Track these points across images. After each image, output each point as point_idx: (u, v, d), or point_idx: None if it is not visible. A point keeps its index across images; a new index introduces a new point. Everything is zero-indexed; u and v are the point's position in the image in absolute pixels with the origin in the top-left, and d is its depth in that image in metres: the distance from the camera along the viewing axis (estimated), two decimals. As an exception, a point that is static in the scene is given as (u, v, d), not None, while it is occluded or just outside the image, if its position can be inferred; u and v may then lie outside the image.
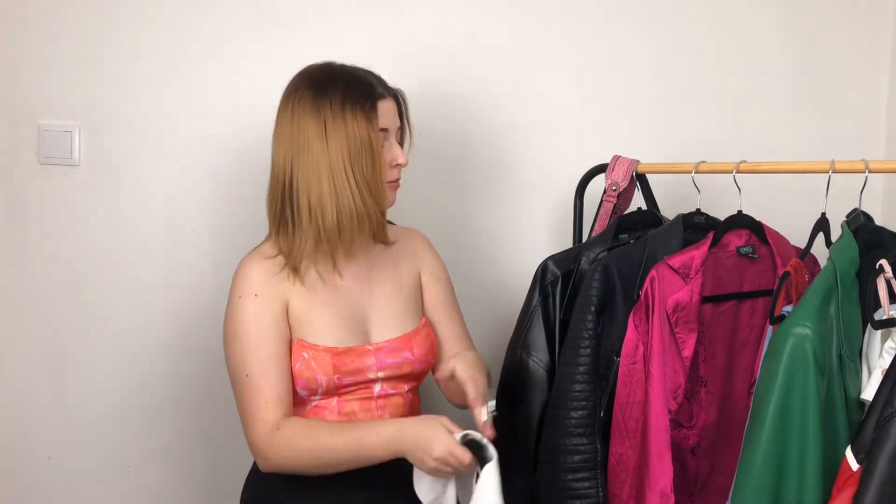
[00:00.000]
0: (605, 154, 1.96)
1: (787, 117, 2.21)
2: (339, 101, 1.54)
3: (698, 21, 2.20)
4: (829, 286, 1.32)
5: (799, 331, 1.26)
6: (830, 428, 1.27)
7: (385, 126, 1.59)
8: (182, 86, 2.12)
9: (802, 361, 1.25)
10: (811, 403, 1.24)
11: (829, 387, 1.28)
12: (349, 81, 1.58)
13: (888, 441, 1.04)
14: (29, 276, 2.16)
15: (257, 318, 1.57)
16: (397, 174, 1.62)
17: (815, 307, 1.29)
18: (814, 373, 1.24)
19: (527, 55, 2.18)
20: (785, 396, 1.25)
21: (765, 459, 1.26)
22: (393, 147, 1.61)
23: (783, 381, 1.25)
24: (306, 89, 1.57)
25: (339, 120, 1.53)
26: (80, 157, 2.12)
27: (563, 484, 1.59)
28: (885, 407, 1.06)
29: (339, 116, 1.54)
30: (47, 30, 2.10)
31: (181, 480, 2.19)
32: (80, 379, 2.17)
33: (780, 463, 1.25)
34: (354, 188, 1.54)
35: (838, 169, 1.51)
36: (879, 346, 1.32)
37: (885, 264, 1.31)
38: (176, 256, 2.15)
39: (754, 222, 1.70)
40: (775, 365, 1.27)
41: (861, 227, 1.46)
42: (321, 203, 1.54)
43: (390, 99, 1.61)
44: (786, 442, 1.25)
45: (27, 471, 2.19)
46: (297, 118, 1.56)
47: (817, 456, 1.23)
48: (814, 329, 1.25)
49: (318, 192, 1.54)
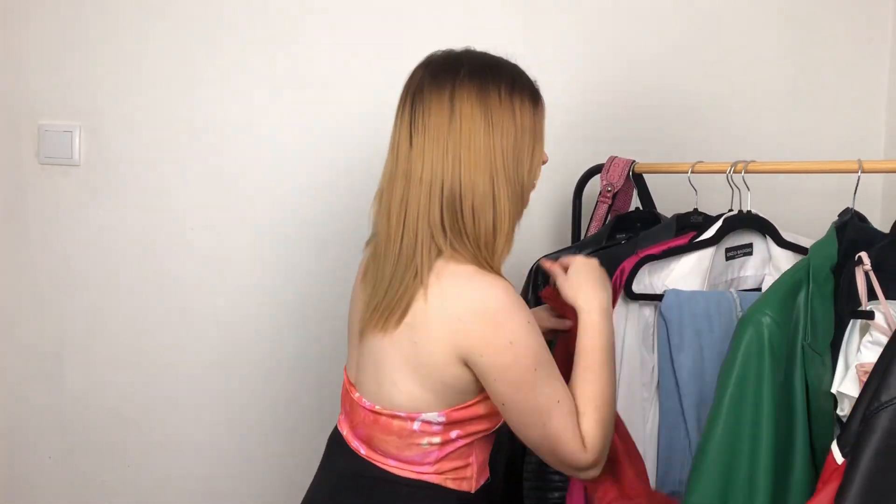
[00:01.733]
0: (603, 154, 1.96)
1: (787, 117, 2.21)
2: (507, 89, 1.35)
3: (697, 20, 2.20)
4: (797, 278, 1.35)
5: (759, 318, 1.30)
6: (786, 415, 1.31)
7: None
8: (182, 86, 2.13)
9: (758, 348, 1.29)
10: (765, 389, 1.28)
11: (789, 375, 1.31)
12: (514, 70, 1.40)
13: (873, 435, 1.04)
14: (29, 276, 2.16)
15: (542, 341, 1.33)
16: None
17: (779, 297, 1.32)
18: (769, 360, 1.28)
19: (525, 54, 2.17)
20: (740, 382, 1.29)
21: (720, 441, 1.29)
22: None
23: (739, 367, 1.30)
24: (467, 76, 1.35)
25: (508, 109, 1.35)
26: (80, 157, 2.13)
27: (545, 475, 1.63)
28: (871, 401, 1.06)
29: (507, 105, 1.34)
30: (48, 30, 2.11)
31: (181, 480, 2.19)
32: (80, 379, 2.18)
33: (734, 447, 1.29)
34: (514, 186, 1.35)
35: (838, 169, 1.51)
36: (858, 341, 1.33)
37: (864, 256, 1.32)
38: (176, 256, 2.15)
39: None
40: (733, 350, 1.31)
41: (849, 226, 1.46)
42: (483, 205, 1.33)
43: None
44: (740, 425, 1.29)
45: (27, 471, 2.20)
46: (459, 108, 1.33)
47: (770, 439, 1.27)
48: (774, 318, 1.29)
49: (482, 191, 1.32)
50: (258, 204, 2.15)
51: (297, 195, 2.14)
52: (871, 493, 1.02)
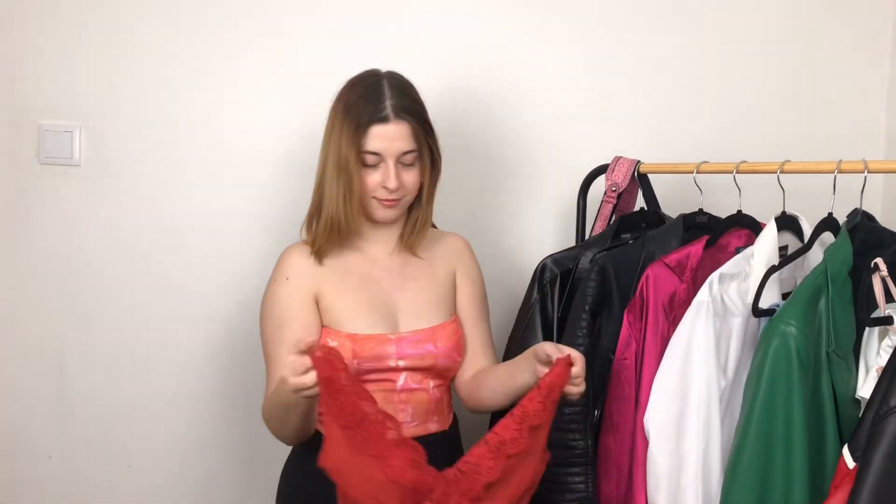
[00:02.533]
0: (608, 154, 1.97)
1: (787, 117, 2.21)
2: (342, 112, 1.64)
3: (700, 21, 2.20)
4: (818, 284, 1.35)
5: (784, 329, 1.29)
6: (817, 424, 1.30)
7: (377, 150, 1.61)
8: (182, 86, 2.12)
9: (786, 359, 1.28)
10: (795, 400, 1.27)
11: (817, 383, 1.31)
12: (363, 95, 1.63)
13: (883, 439, 1.05)
14: (29, 276, 2.16)
15: (286, 302, 1.65)
16: (386, 195, 1.63)
17: (802, 305, 1.32)
18: (798, 370, 1.28)
19: (529, 55, 2.18)
20: (770, 394, 1.29)
21: (751, 457, 1.29)
22: (387, 170, 1.62)
23: (768, 379, 1.29)
24: (342, 90, 1.67)
25: (337, 131, 1.63)
26: (81, 157, 2.13)
27: (555, 477, 1.61)
28: (881, 405, 1.06)
29: (336, 127, 1.63)
30: (48, 30, 2.11)
31: (181, 480, 2.19)
32: (80, 379, 2.17)
33: (767, 460, 1.28)
34: (337, 195, 1.62)
35: (840, 169, 1.51)
36: (877, 345, 1.33)
37: (881, 262, 1.32)
38: (176, 256, 2.15)
39: (755, 222, 1.70)
40: (760, 363, 1.31)
41: (859, 227, 1.47)
42: (322, 198, 1.65)
43: (399, 123, 1.61)
44: (771, 438, 1.28)
45: (27, 471, 2.19)
46: (330, 112, 1.67)
47: (802, 452, 1.26)
48: (798, 327, 1.29)
49: (322, 187, 1.65)
50: (258, 204, 2.15)
51: (297, 195, 2.13)
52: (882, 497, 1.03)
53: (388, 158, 1.62)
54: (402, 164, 1.63)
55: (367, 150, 1.61)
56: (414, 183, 1.66)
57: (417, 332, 1.66)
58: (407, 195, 1.67)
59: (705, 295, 1.46)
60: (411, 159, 1.64)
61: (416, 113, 1.65)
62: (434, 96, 1.97)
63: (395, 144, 1.61)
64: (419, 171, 1.66)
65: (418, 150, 1.64)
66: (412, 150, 1.63)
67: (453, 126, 2.16)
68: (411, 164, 1.64)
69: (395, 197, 1.64)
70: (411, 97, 1.66)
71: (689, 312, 1.47)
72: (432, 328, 1.68)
